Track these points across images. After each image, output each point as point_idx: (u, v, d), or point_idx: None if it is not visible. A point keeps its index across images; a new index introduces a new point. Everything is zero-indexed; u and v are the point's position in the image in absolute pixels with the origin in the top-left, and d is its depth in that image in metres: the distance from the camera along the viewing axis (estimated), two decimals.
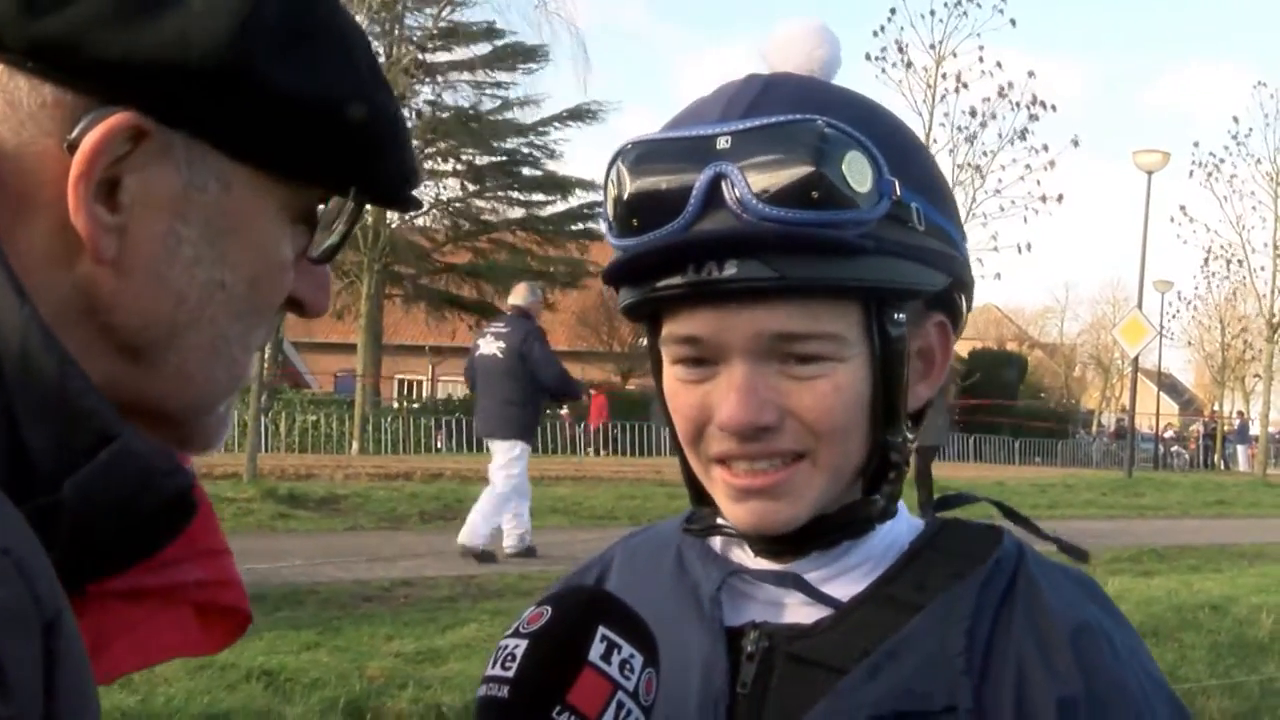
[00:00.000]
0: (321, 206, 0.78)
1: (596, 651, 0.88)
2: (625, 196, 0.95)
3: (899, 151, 0.96)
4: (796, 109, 0.93)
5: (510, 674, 0.88)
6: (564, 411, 28.62)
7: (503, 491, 9.20)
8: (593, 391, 29.50)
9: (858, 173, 0.91)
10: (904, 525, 1.04)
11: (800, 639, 0.98)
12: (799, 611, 1.00)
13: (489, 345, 9.13)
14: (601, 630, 0.89)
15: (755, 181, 0.90)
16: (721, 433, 0.96)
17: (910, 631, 0.95)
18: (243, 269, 0.74)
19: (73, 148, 0.68)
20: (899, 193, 0.94)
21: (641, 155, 0.95)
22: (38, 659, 0.58)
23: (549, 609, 0.91)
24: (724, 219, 0.91)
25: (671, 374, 0.99)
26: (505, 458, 9.12)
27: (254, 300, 0.76)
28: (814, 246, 0.91)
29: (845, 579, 1.01)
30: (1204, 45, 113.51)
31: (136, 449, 0.68)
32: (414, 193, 0.82)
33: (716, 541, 1.08)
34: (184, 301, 0.72)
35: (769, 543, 1.02)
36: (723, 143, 0.92)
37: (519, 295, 9.60)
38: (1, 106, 0.69)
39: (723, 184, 0.91)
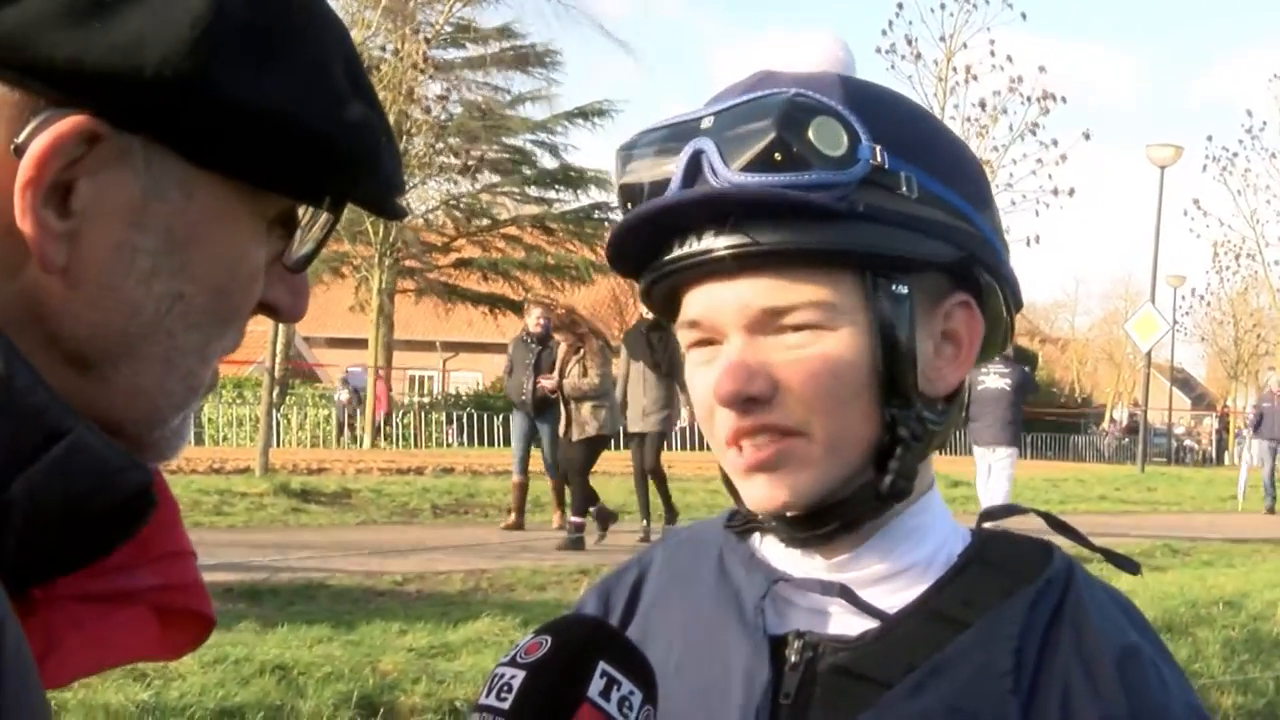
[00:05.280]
0: (301, 209, 0.75)
1: (595, 688, 0.86)
2: (622, 184, 0.99)
3: (892, 118, 0.96)
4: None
5: (506, 705, 0.86)
6: (344, 398, 27.41)
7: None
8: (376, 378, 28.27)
9: (827, 136, 0.92)
10: (952, 533, 1.03)
11: (845, 650, 0.97)
12: (844, 621, 0.99)
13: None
14: (602, 665, 0.87)
15: (729, 153, 0.92)
16: (722, 409, 0.96)
17: (957, 648, 0.94)
18: (205, 280, 0.70)
19: (20, 151, 0.64)
20: (882, 158, 0.93)
21: (636, 143, 0.99)
22: None
23: (548, 639, 0.89)
24: (702, 190, 0.94)
25: (688, 360, 1.01)
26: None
27: (217, 311, 0.72)
28: (785, 210, 0.92)
29: (891, 586, 0.99)
30: (1231, 40, 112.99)
31: (90, 445, 0.65)
32: (401, 201, 0.79)
33: (759, 547, 1.06)
34: (138, 314, 0.68)
35: (791, 528, 1.00)
36: (706, 122, 0.95)
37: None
38: None
39: (701, 159, 0.93)
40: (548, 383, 10.24)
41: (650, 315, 10.17)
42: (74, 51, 0.64)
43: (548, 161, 31.15)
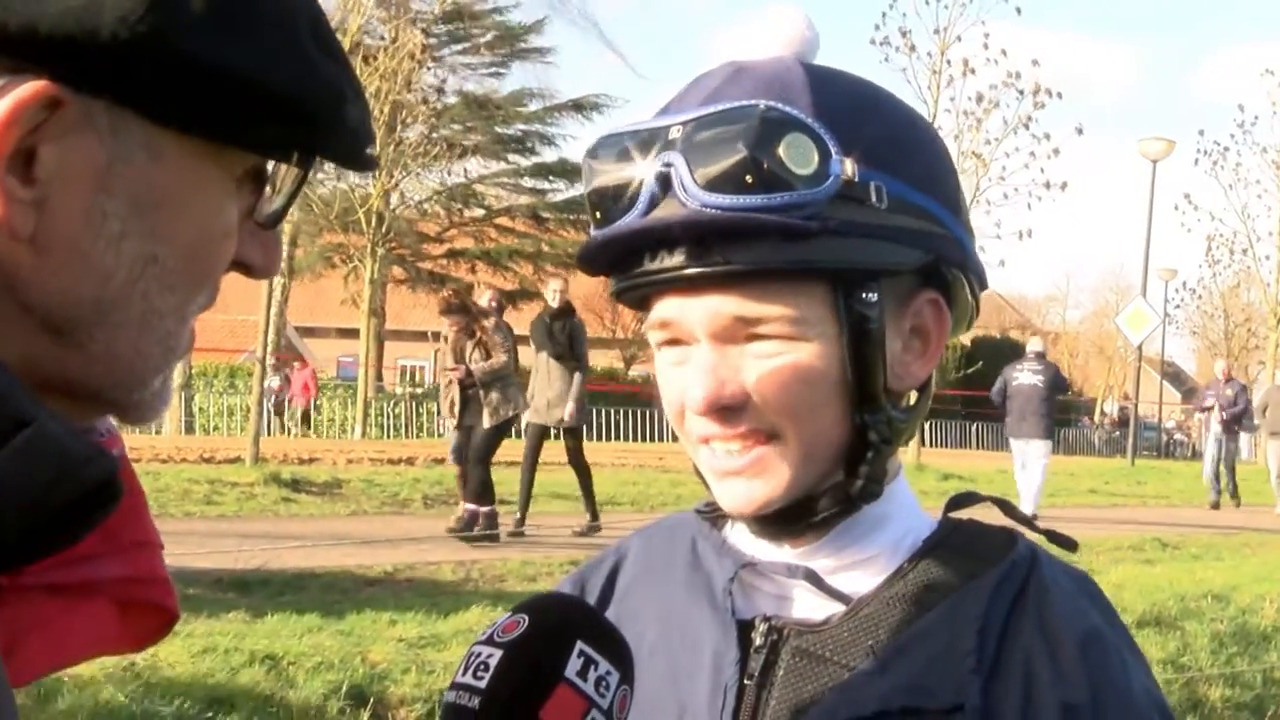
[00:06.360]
0: (271, 164, 0.74)
1: (573, 667, 0.86)
2: (589, 190, 0.98)
3: (861, 123, 0.95)
4: (759, 93, 0.93)
5: (482, 684, 0.85)
6: (275, 384, 27.02)
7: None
8: (295, 366, 27.79)
9: (798, 155, 0.91)
10: (918, 520, 1.04)
11: (810, 634, 0.99)
12: (810, 605, 1.01)
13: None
14: (579, 645, 0.87)
15: (698, 169, 0.91)
16: (694, 414, 0.97)
17: (921, 628, 0.96)
18: (177, 241, 0.69)
19: None
20: (852, 171, 0.93)
21: (604, 149, 0.98)
22: None
23: (526, 618, 0.88)
24: (673, 208, 0.93)
25: (658, 358, 1.01)
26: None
27: (191, 271, 0.71)
28: (756, 231, 0.91)
29: (857, 572, 1.01)
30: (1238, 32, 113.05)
31: (53, 434, 0.63)
32: (370, 152, 0.77)
33: (730, 533, 1.08)
34: (110, 278, 0.67)
35: (760, 523, 1.01)
36: (674, 132, 0.93)
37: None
38: None
39: (671, 174, 0.92)
40: (454, 373, 9.66)
41: (554, 304, 10.11)
42: (28, 17, 0.63)
43: (544, 153, 31.18)
